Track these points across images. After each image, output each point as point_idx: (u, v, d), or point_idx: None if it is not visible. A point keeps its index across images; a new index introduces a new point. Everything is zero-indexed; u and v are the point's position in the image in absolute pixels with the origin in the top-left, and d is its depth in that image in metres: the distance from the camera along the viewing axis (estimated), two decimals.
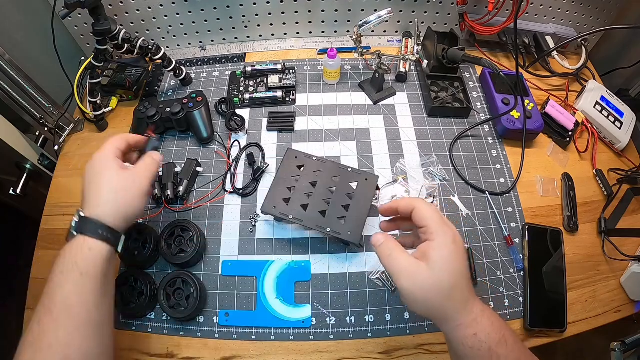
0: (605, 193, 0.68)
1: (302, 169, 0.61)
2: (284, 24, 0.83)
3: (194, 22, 0.81)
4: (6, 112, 0.65)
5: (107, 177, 0.44)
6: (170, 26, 0.81)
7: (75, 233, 0.41)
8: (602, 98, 0.76)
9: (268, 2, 0.78)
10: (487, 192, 0.65)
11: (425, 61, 0.77)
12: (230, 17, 0.81)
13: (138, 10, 0.77)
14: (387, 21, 0.67)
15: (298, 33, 0.86)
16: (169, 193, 0.62)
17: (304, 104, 0.75)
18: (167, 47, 0.85)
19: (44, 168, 0.72)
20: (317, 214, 0.56)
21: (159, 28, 0.81)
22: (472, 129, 0.72)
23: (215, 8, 0.78)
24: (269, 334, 0.54)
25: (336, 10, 0.81)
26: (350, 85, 0.78)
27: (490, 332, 0.37)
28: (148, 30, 0.81)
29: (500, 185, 0.66)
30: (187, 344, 0.54)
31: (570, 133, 0.72)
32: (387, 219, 0.47)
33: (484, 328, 0.37)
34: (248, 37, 0.86)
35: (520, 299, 0.57)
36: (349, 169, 0.60)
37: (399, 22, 0.85)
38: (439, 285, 0.37)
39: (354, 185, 0.59)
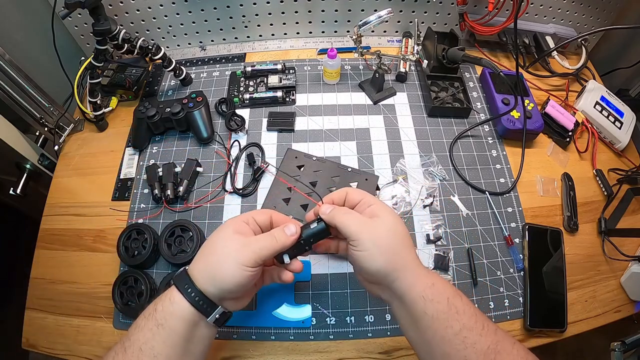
0: (605, 193, 0.68)
1: (302, 169, 0.61)
2: (284, 24, 0.83)
3: (194, 22, 0.81)
4: (6, 112, 0.65)
5: (217, 239, 0.40)
6: (170, 26, 0.81)
7: (172, 282, 0.39)
8: (602, 98, 0.76)
9: (268, 2, 0.78)
10: (487, 192, 0.65)
11: (425, 61, 0.77)
12: (230, 17, 0.81)
13: (138, 10, 0.77)
14: (387, 21, 0.67)
15: (298, 33, 0.86)
16: (169, 193, 0.62)
17: (304, 104, 0.75)
18: (167, 47, 0.85)
19: (44, 168, 0.72)
20: None
21: (159, 28, 0.81)
22: (472, 129, 0.72)
23: (215, 8, 0.78)
24: (269, 334, 0.54)
25: (336, 10, 0.81)
26: (350, 85, 0.78)
27: (445, 283, 0.38)
28: (148, 30, 0.81)
29: (500, 185, 0.66)
30: None
31: (570, 133, 0.72)
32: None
33: (438, 279, 0.38)
34: (248, 37, 0.86)
35: (520, 299, 0.57)
36: (349, 169, 0.60)
37: (399, 22, 0.85)
38: (396, 233, 0.39)
39: (354, 185, 0.59)
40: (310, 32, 0.86)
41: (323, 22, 0.84)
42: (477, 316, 0.36)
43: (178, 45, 0.86)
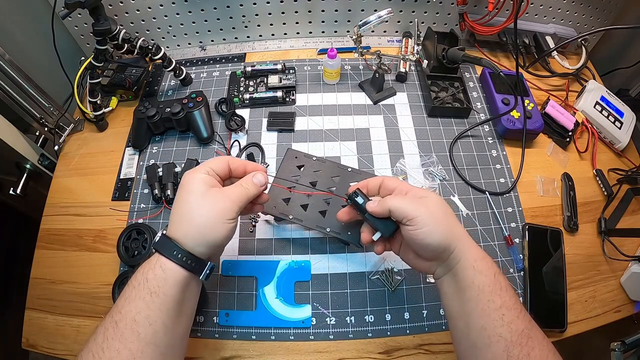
0: (605, 193, 0.68)
1: (302, 169, 0.60)
2: (284, 24, 0.83)
3: (194, 22, 0.81)
4: (6, 112, 0.65)
5: (192, 196, 0.39)
6: (170, 26, 0.81)
7: (153, 250, 0.39)
8: (602, 98, 0.76)
9: (268, 2, 0.78)
10: (487, 192, 0.65)
11: (425, 61, 0.77)
12: (230, 17, 0.81)
13: (138, 10, 0.77)
14: (387, 21, 0.67)
15: (298, 33, 0.86)
16: (169, 193, 0.62)
17: (304, 104, 0.75)
18: (167, 47, 0.85)
19: (44, 168, 0.72)
20: (317, 214, 0.56)
21: (159, 28, 0.81)
22: (472, 129, 0.72)
23: (215, 8, 0.78)
24: (269, 334, 0.54)
25: (336, 10, 0.81)
26: (350, 85, 0.78)
27: (492, 260, 0.40)
28: (148, 30, 0.81)
29: (500, 185, 0.66)
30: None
31: (570, 133, 0.72)
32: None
33: (487, 255, 0.40)
34: (248, 37, 0.86)
35: (520, 299, 0.57)
36: (349, 169, 0.60)
37: (399, 22, 0.85)
38: (446, 207, 0.41)
39: (353, 184, 0.59)
40: (310, 32, 0.86)
41: (323, 22, 0.84)
42: (516, 299, 0.38)
43: (178, 45, 0.86)
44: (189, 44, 0.86)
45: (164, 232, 0.39)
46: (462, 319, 0.39)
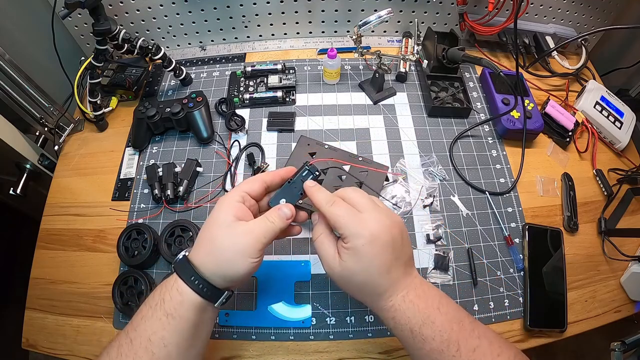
0: (605, 193, 0.68)
1: (314, 156, 0.61)
2: (284, 24, 0.83)
3: (194, 22, 0.81)
4: (6, 112, 0.65)
5: (216, 226, 0.38)
6: (170, 26, 0.81)
7: (172, 269, 0.39)
8: (602, 98, 0.76)
9: (268, 2, 0.78)
10: (487, 192, 0.65)
11: (425, 61, 0.77)
12: (230, 17, 0.81)
13: (138, 10, 0.77)
14: (387, 21, 0.67)
15: (298, 33, 0.86)
16: (169, 193, 0.62)
17: (304, 104, 0.75)
18: (167, 47, 0.85)
19: (44, 168, 0.72)
20: None
21: (159, 28, 0.81)
22: (472, 129, 0.72)
23: (215, 8, 0.78)
24: (269, 334, 0.54)
25: (336, 10, 0.81)
26: (350, 85, 0.78)
27: (411, 315, 0.38)
28: (148, 30, 0.81)
29: (500, 185, 0.66)
30: None
31: (570, 133, 0.72)
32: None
33: (403, 312, 0.38)
34: (248, 37, 0.86)
35: (520, 299, 0.57)
36: (360, 158, 0.61)
37: (399, 22, 0.85)
38: (348, 282, 0.40)
39: (364, 174, 0.59)
40: (310, 32, 0.86)
41: (323, 22, 0.84)
42: (449, 341, 0.36)
43: (178, 45, 0.86)
44: (189, 44, 0.86)
45: (187, 253, 0.39)
46: None
